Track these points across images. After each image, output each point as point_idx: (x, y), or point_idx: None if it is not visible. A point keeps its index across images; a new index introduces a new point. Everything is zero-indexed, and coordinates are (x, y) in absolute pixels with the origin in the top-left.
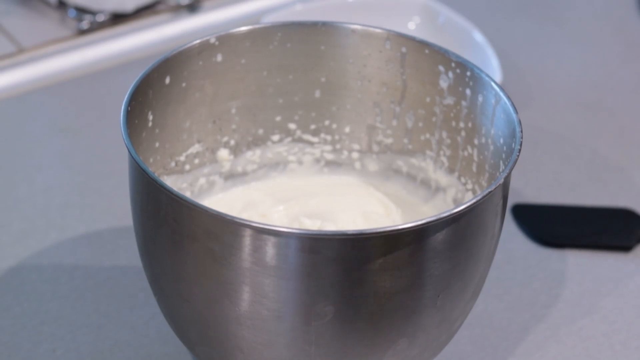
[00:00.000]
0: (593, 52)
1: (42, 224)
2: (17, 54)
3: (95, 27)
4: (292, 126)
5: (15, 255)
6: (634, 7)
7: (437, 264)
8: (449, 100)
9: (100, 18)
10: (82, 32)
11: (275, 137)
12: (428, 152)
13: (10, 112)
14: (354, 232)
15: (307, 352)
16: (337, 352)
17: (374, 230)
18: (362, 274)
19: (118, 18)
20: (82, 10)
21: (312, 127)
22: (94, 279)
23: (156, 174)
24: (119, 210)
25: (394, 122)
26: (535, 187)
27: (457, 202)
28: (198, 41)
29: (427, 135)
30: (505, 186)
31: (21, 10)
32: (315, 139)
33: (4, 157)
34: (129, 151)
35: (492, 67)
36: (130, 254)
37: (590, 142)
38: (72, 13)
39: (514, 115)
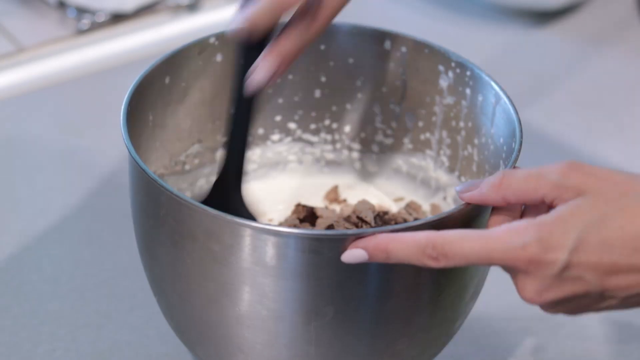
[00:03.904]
0: (593, 52)
1: (42, 224)
2: (17, 53)
3: (95, 27)
4: (292, 126)
5: (15, 255)
6: (634, 7)
7: None
8: (449, 100)
9: (100, 18)
10: (82, 32)
11: (275, 137)
12: (428, 152)
13: (10, 112)
14: (354, 232)
15: (307, 352)
16: (337, 352)
17: (374, 231)
18: (362, 274)
19: (118, 18)
20: (82, 10)
21: (312, 126)
22: (94, 279)
23: (156, 174)
24: (119, 210)
25: (394, 122)
26: None
27: (457, 202)
28: (198, 41)
29: (427, 135)
30: None
31: (21, 10)
32: (315, 139)
33: (4, 157)
34: (129, 151)
35: None
36: (130, 254)
37: (590, 142)
38: (72, 13)
39: (514, 115)
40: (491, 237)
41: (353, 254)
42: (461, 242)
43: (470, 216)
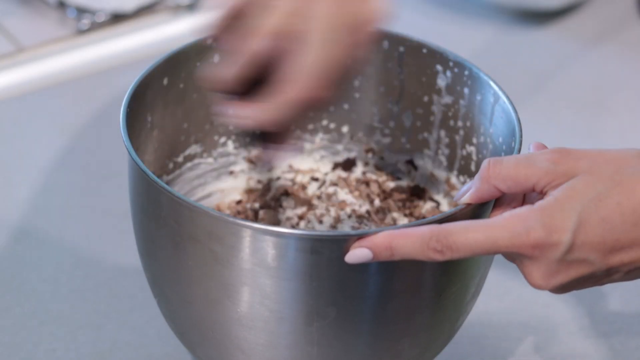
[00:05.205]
0: (593, 52)
1: (42, 224)
2: (17, 53)
3: (95, 27)
4: None
5: (15, 255)
6: (634, 7)
7: (437, 264)
8: (447, 100)
9: (100, 18)
10: (82, 32)
11: None
12: (426, 151)
13: (10, 112)
14: (355, 233)
15: (309, 353)
16: (339, 352)
17: (375, 231)
18: (364, 274)
19: (118, 18)
20: (82, 10)
21: (310, 127)
22: (94, 279)
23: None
24: (119, 211)
25: (392, 122)
26: None
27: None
28: (195, 42)
29: (425, 135)
30: None
31: (21, 10)
32: (313, 139)
33: (4, 157)
34: (130, 154)
35: None
36: (130, 255)
37: (590, 142)
38: (72, 13)
39: (513, 115)
40: (495, 225)
41: (357, 254)
42: (465, 233)
43: (472, 216)
